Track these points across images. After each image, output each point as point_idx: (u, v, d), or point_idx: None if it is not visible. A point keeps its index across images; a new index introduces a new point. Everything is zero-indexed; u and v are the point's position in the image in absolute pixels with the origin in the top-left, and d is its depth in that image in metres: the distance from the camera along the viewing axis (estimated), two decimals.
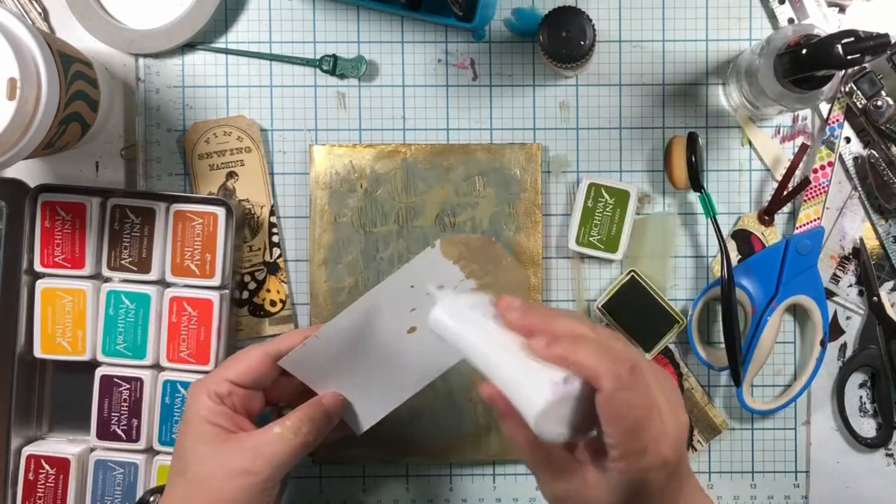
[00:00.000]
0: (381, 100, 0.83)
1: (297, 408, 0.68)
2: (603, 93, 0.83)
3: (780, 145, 0.83)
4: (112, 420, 0.79)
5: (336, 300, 0.81)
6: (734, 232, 0.83)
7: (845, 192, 0.83)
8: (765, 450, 0.84)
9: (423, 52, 0.83)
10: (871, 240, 0.83)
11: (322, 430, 0.68)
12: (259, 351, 0.69)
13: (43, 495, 0.79)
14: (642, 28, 0.83)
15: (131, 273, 0.79)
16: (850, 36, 0.67)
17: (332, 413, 0.70)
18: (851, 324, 0.84)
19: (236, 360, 0.69)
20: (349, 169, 0.82)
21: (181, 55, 0.83)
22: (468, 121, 0.83)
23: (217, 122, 0.83)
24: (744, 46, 0.83)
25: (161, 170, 0.83)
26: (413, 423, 0.81)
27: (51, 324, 0.79)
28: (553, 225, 0.83)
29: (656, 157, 0.83)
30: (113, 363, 0.79)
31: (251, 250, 0.83)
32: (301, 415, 0.67)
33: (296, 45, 0.83)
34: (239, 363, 0.69)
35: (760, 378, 0.83)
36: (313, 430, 0.67)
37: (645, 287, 0.81)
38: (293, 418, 0.67)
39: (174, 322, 0.79)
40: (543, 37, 0.75)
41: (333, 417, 0.70)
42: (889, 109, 0.79)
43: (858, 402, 0.84)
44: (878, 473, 0.84)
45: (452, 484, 0.84)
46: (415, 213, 0.82)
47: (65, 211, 0.79)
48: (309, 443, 0.67)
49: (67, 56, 0.72)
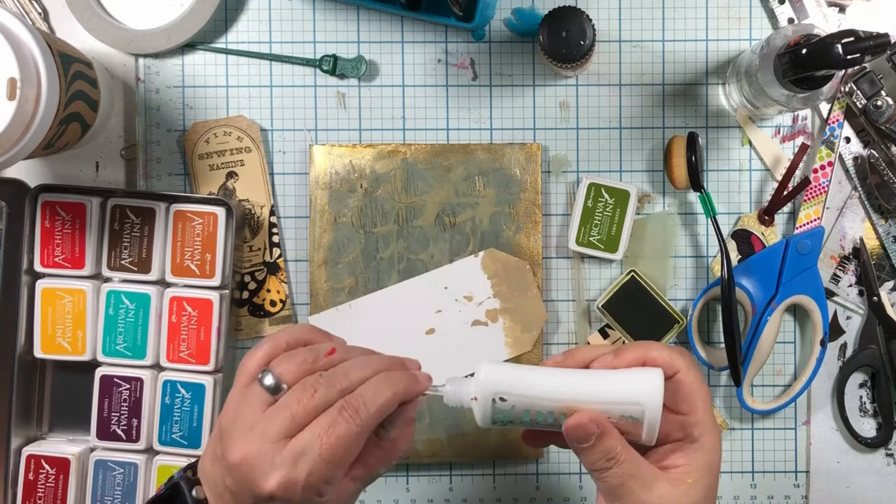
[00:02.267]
0: (381, 100, 0.83)
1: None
2: (603, 93, 0.83)
3: (780, 145, 0.83)
4: (112, 420, 0.79)
5: (336, 300, 0.81)
6: (734, 232, 0.83)
7: (845, 192, 0.83)
8: (765, 450, 0.84)
9: (423, 52, 0.83)
10: (871, 240, 0.83)
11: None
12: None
13: (43, 495, 0.79)
14: (642, 28, 0.83)
15: (131, 273, 0.79)
16: (850, 36, 0.67)
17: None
18: (851, 324, 0.84)
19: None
20: (349, 169, 0.82)
21: (181, 55, 0.83)
22: (468, 121, 0.83)
23: (217, 122, 0.83)
24: (744, 46, 0.83)
25: (161, 170, 0.83)
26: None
27: (51, 324, 0.79)
28: (553, 225, 0.83)
29: (656, 157, 0.83)
30: (113, 363, 0.79)
31: (251, 250, 0.83)
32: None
33: (296, 45, 0.83)
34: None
35: (760, 378, 0.83)
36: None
37: (645, 287, 0.81)
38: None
39: (174, 322, 0.79)
40: (543, 37, 0.75)
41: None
42: (889, 109, 0.79)
43: (858, 402, 0.84)
44: (878, 473, 0.84)
45: (452, 484, 0.84)
46: (415, 213, 0.82)
47: (65, 211, 0.79)
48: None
49: (67, 56, 0.72)
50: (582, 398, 0.59)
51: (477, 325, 0.81)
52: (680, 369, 0.61)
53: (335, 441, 0.56)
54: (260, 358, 0.59)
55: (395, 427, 0.60)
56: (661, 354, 0.61)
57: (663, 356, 0.61)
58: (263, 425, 0.56)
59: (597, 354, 0.62)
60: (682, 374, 0.61)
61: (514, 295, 0.81)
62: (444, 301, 0.81)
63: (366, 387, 0.58)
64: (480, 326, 0.81)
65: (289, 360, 0.59)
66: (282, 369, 0.58)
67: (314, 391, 0.57)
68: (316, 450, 0.55)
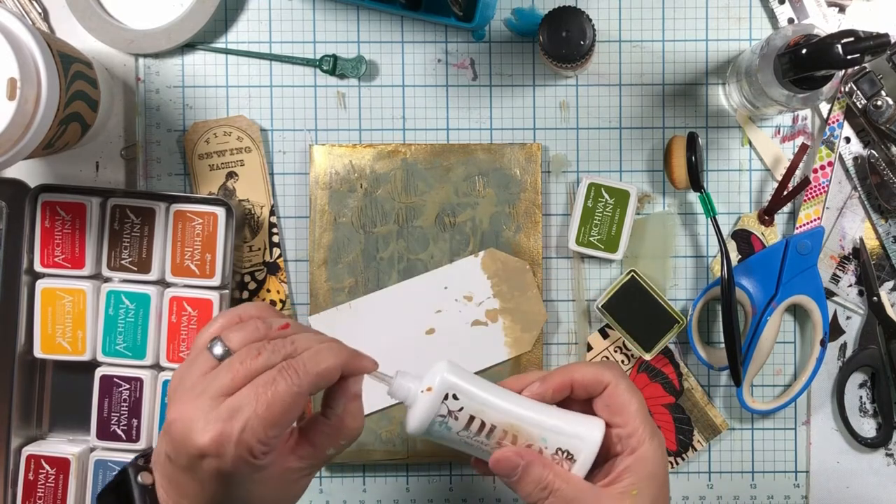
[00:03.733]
0: (381, 100, 0.83)
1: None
2: (603, 93, 0.83)
3: (780, 145, 0.83)
4: (112, 420, 0.79)
5: (336, 300, 0.81)
6: (734, 232, 0.83)
7: (845, 192, 0.83)
8: (765, 450, 0.84)
9: (423, 52, 0.83)
10: (871, 240, 0.83)
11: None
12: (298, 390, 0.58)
13: (43, 495, 0.79)
14: (642, 28, 0.83)
15: (131, 273, 0.79)
16: (850, 36, 0.67)
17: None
18: (851, 324, 0.84)
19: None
20: (349, 169, 0.82)
21: (181, 55, 0.83)
22: (468, 121, 0.83)
23: (217, 122, 0.83)
24: (744, 46, 0.83)
25: (161, 170, 0.83)
26: None
27: (51, 324, 0.79)
28: (553, 225, 0.83)
29: (656, 157, 0.83)
30: (113, 363, 0.79)
31: (251, 250, 0.83)
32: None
33: (296, 45, 0.83)
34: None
35: (760, 378, 0.83)
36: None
37: (645, 287, 0.81)
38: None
39: (174, 322, 0.79)
40: (543, 37, 0.75)
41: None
42: (889, 109, 0.79)
43: (858, 402, 0.84)
44: (877, 473, 0.84)
45: (452, 484, 0.84)
46: (415, 213, 0.82)
47: (65, 211, 0.79)
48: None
49: (67, 56, 0.72)
50: (527, 417, 0.61)
51: (477, 325, 0.81)
52: (609, 382, 0.62)
53: (272, 398, 0.54)
54: (213, 332, 0.59)
55: (338, 403, 0.60)
56: (586, 373, 0.63)
57: (589, 374, 0.63)
58: (204, 385, 0.56)
59: (526, 382, 0.64)
60: (612, 388, 0.62)
61: (514, 295, 0.81)
62: (444, 301, 0.81)
63: (309, 353, 0.57)
64: (480, 326, 0.81)
65: (239, 329, 0.58)
66: (231, 337, 0.58)
67: (258, 354, 0.56)
68: (252, 406, 0.54)
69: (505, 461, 0.60)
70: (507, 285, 0.81)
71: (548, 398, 0.63)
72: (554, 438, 0.61)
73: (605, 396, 0.62)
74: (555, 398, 0.63)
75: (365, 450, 0.81)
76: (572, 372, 0.63)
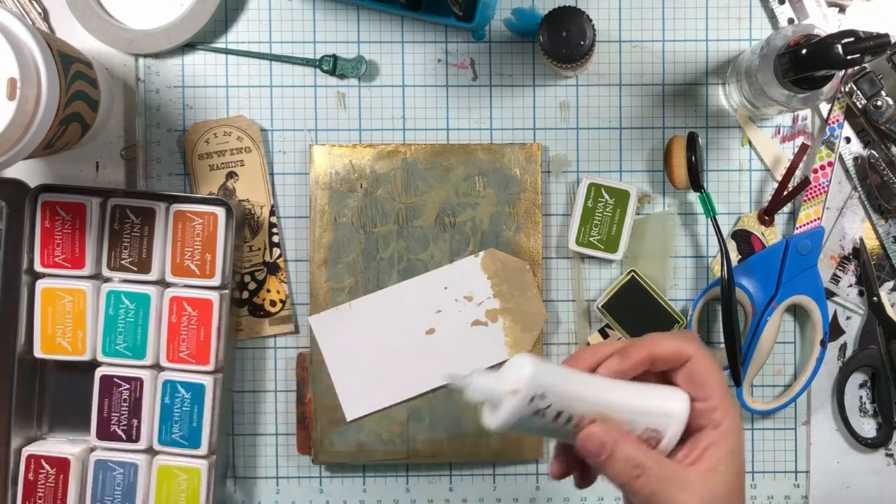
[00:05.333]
0: (381, 100, 0.83)
1: None
2: (603, 93, 0.83)
3: (780, 145, 0.83)
4: (112, 420, 0.79)
5: (336, 300, 0.81)
6: (734, 232, 0.83)
7: (845, 192, 0.83)
8: (765, 450, 0.84)
9: (423, 52, 0.83)
10: (871, 240, 0.83)
11: None
12: None
13: (43, 495, 0.79)
14: (642, 28, 0.83)
15: (131, 273, 0.79)
16: (850, 36, 0.67)
17: None
18: (851, 324, 0.84)
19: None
20: (349, 169, 0.82)
21: (181, 55, 0.83)
22: (468, 121, 0.83)
23: (217, 122, 0.83)
24: (744, 46, 0.83)
25: (161, 170, 0.83)
26: (413, 423, 0.81)
27: (51, 324, 0.79)
28: (553, 225, 0.83)
29: (656, 157, 0.83)
30: (113, 363, 0.79)
31: (251, 250, 0.83)
32: None
33: (296, 45, 0.83)
34: None
35: (760, 378, 0.83)
36: None
37: (645, 287, 0.81)
38: None
39: (174, 322, 0.79)
40: (543, 37, 0.75)
41: None
42: (889, 109, 0.79)
43: (858, 402, 0.84)
44: (878, 473, 0.84)
45: (452, 484, 0.84)
46: (415, 213, 0.82)
47: (65, 211, 0.79)
48: None
49: (67, 56, 0.72)
50: (615, 404, 0.59)
51: (477, 325, 0.81)
52: (691, 356, 0.60)
53: None
54: None
55: None
56: (666, 347, 0.60)
57: (670, 347, 0.60)
58: None
59: (602, 356, 0.61)
60: (695, 361, 0.60)
61: (514, 295, 0.81)
62: (444, 301, 0.81)
63: None
64: (480, 326, 0.81)
65: None
66: None
67: None
68: None
69: (593, 439, 0.58)
70: (507, 285, 0.81)
71: (629, 375, 0.61)
72: (642, 419, 0.59)
73: (688, 369, 0.60)
74: (635, 374, 0.61)
75: (365, 450, 0.81)
76: (652, 346, 0.60)
